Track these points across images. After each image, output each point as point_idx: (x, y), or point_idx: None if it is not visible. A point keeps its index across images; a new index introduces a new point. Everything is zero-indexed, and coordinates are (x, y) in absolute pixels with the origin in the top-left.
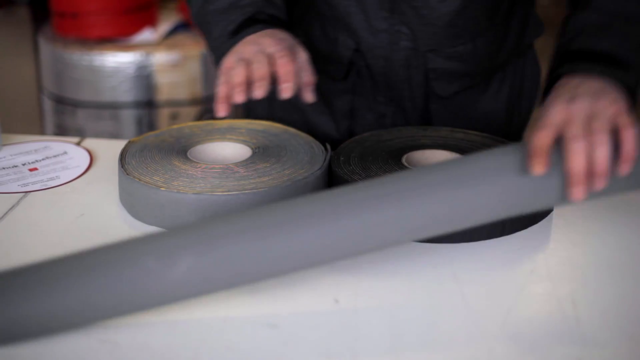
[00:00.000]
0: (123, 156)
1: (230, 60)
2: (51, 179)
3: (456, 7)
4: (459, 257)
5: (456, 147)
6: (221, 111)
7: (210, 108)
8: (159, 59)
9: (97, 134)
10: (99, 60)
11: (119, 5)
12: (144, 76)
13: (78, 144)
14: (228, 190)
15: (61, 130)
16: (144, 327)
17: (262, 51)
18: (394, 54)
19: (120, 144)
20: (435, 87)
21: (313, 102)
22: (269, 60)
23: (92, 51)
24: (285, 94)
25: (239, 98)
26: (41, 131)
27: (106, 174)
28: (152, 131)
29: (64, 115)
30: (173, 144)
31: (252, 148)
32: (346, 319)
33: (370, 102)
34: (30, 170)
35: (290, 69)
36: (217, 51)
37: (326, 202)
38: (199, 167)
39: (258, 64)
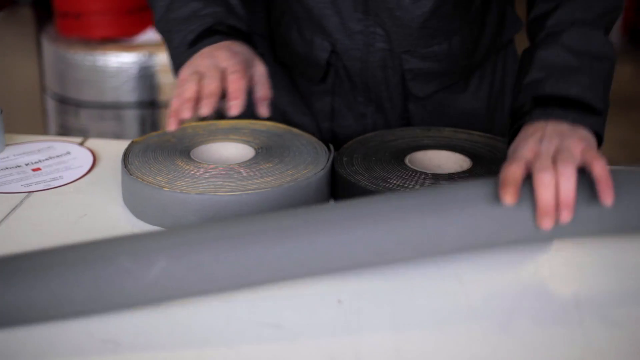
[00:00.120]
0: (126, 156)
1: (185, 72)
2: (54, 179)
3: (429, 7)
4: (462, 257)
5: (459, 148)
6: (171, 125)
7: None
8: (162, 59)
9: (100, 134)
10: (102, 60)
11: (122, 6)
12: (147, 76)
13: (81, 144)
14: (231, 191)
15: (64, 131)
16: (146, 327)
17: (216, 65)
18: (369, 55)
19: (123, 144)
20: (412, 88)
21: (268, 116)
22: (222, 75)
23: (95, 51)
24: (234, 111)
25: (187, 114)
26: (44, 131)
27: (109, 174)
28: (155, 131)
29: (67, 116)
30: (176, 144)
31: (255, 148)
32: (349, 319)
33: (350, 102)
34: (34, 170)
35: (239, 86)
36: (177, 60)
37: (300, 218)
38: (202, 168)
39: (209, 79)
